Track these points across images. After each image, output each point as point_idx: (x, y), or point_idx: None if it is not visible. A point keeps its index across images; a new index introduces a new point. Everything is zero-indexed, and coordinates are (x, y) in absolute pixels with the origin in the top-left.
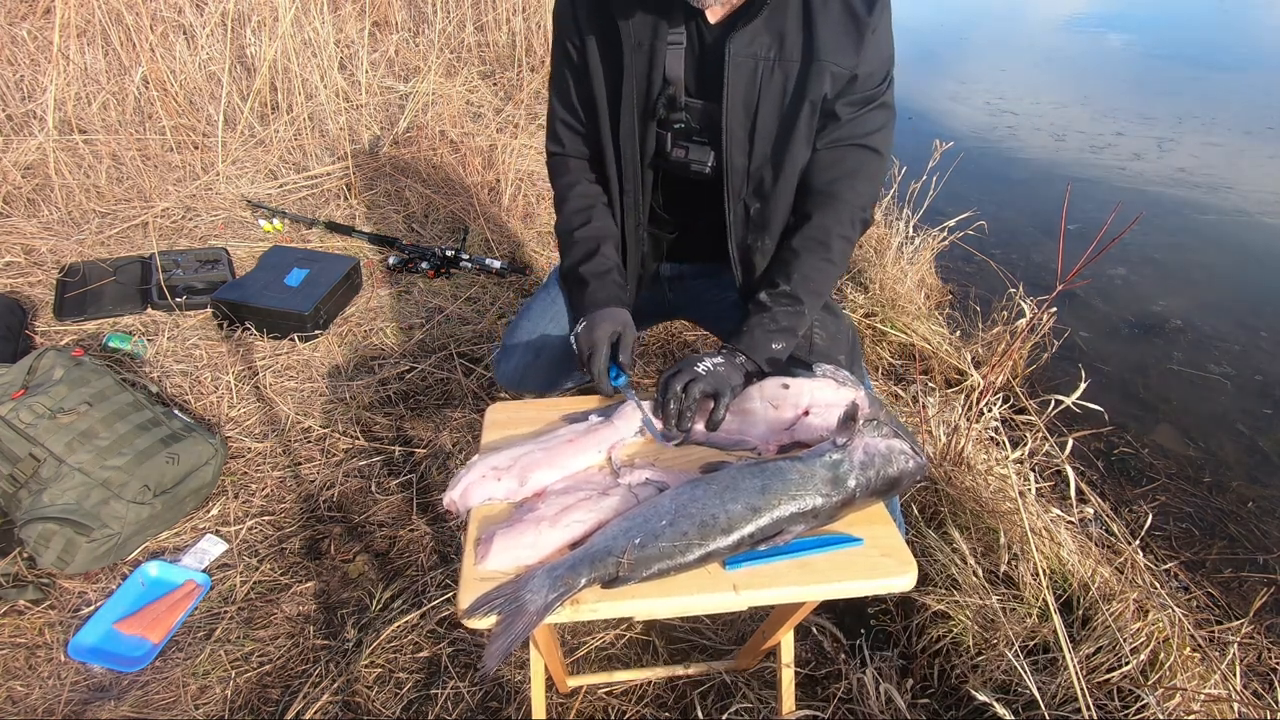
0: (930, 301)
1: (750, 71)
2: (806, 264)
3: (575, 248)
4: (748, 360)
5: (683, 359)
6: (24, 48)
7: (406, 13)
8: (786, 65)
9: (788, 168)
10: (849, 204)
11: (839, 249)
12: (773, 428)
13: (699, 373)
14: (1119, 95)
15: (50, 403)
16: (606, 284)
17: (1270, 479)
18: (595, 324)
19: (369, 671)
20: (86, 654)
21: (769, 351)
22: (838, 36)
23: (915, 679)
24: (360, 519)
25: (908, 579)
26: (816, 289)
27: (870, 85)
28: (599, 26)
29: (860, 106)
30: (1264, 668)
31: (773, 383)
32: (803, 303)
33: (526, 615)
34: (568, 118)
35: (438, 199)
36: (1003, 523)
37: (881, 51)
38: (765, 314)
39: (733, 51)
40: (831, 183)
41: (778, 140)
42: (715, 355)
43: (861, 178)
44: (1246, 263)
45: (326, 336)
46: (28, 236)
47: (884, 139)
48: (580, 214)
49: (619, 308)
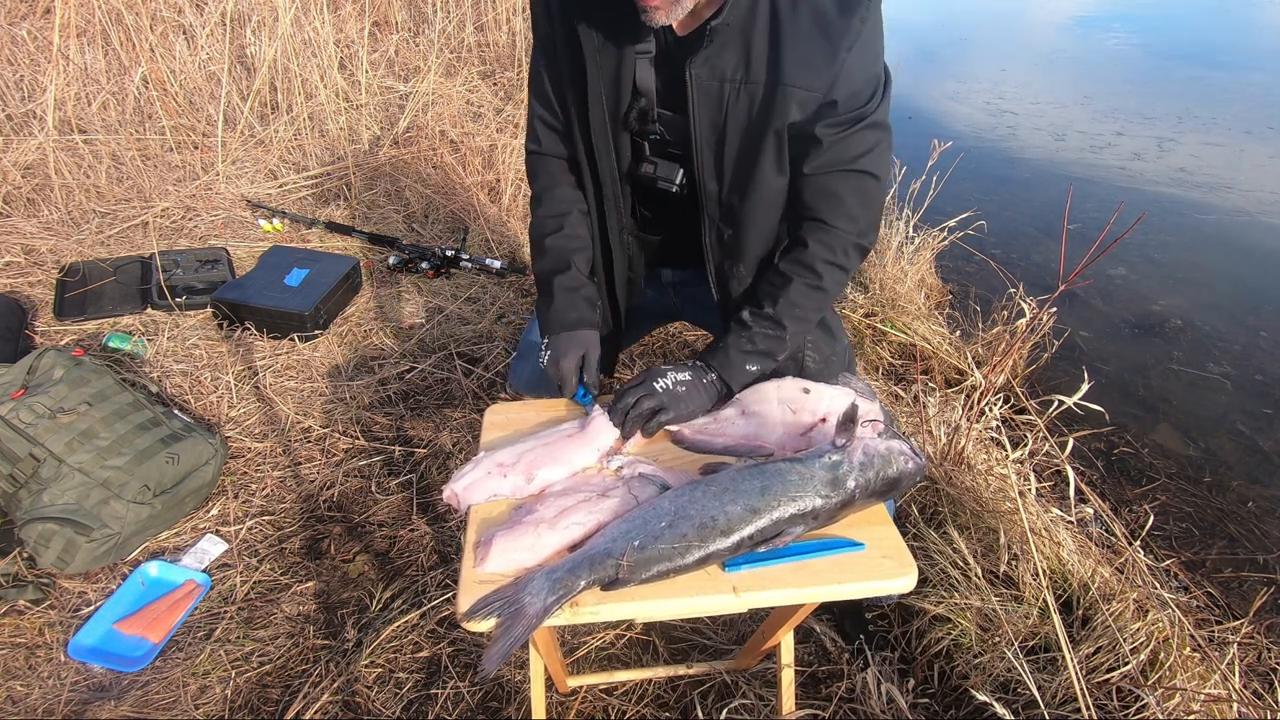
0: (930, 301)
1: (716, 94)
2: (794, 290)
3: (546, 255)
4: (719, 380)
5: (650, 369)
6: (24, 48)
7: (406, 13)
8: (752, 87)
9: (754, 194)
10: (843, 232)
11: (830, 277)
12: (789, 432)
13: (655, 390)
14: (1119, 95)
15: (50, 403)
16: (576, 302)
17: (1270, 479)
18: (562, 354)
19: (369, 671)
20: (86, 654)
21: (743, 374)
22: (806, 55)
23: (915, 679)
24: (360, 519)
25: (907, 581)
26: (802, 315)
27: (854, 105)
28: (568, 25)
29: (845, 128)
30: (1264, 668)
31: (792, 385)
32: (785, 328)
33: (526, 618)
34: (545, 116)
35: (438, 199)
36: (1003, 523)
37: (863, 68)
38: (744, 333)
39: (694, 74)
40: (822, 210)
41: (745, 165)
42: (684, 371)
43: (855, 203)
44: (1246, 263)
45: (326, 336)
46: (28, 236)
47: (876, 160)
48: (554, 219)
49: (586, 330)
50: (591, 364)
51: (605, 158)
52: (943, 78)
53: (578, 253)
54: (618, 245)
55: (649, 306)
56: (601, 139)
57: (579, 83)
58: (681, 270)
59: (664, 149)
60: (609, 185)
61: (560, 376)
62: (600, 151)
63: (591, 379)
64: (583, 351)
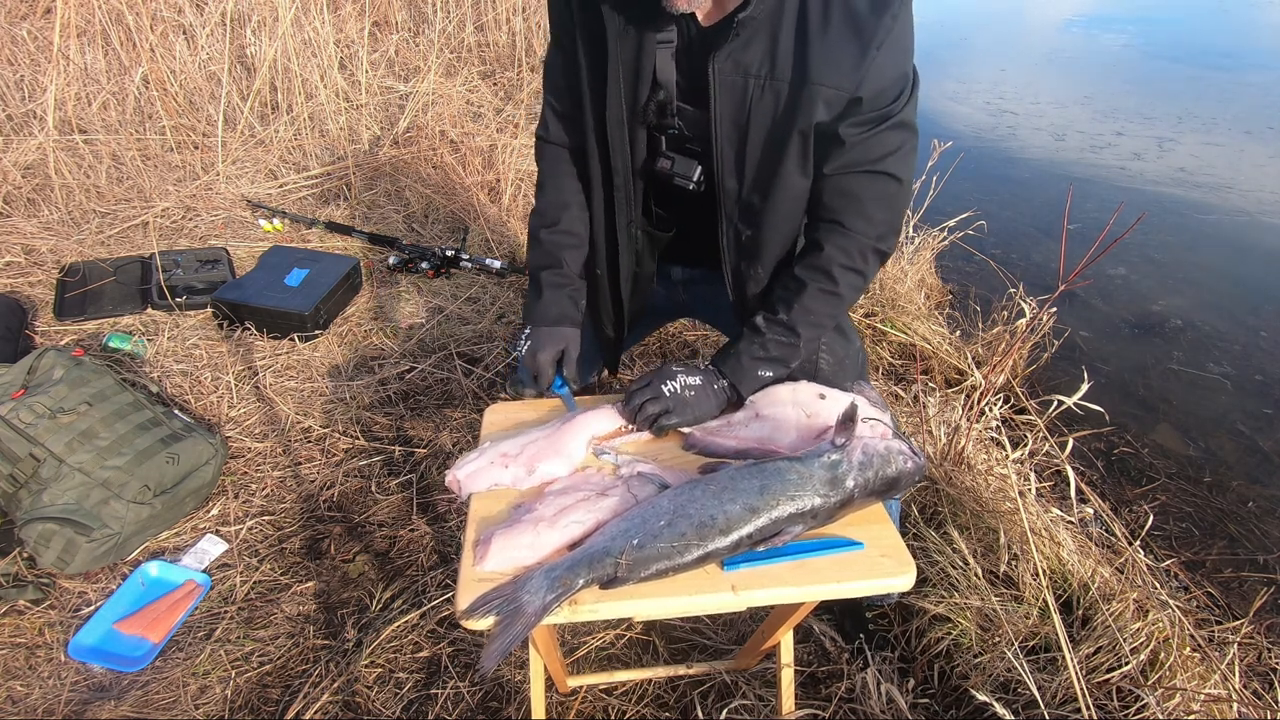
0: (930, 301)
1: (740, 90)
2: (809, 295)
3: (539, 248)
4: (730, 387)
5: (662, 368)
6: (24, 48)
7: (406, 13)
8: (778, 85)
9: (776, 195)
10: (860, 235)
11: (846, 282)
12: (803, 436)
13: (663, 393)
14: (1119, 95)
15: (50, 403)
16: (561, 298)
17: (1270, 479)
18: (540, 346)
19: (369, 671)
20: (86, 654)
21: (755, 380)
22: (835, 52)
23: (915, 679)
24: (360, 519)
25: (906, 579)
26: (817, 321)
27: (881, 104)
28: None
29: (869, 127)
30: (1264, 668)
31: (808, 390)
32: (799, 335)
33: (524, 616)
34: (556, 104)
35: (438, 199)
36: (1003, 523)
37: (894, 66)
38: (758, 339)
39: (717, 69)
40: (840, 212)
41: (768, 165)
42: (695, 375)
43: (876, 206)
44: (1246, 263)
45: (326, 336)
46: (28, 236)
47: (900, 162)
48: (552, 211)
49: (567, 326)
50: (570, 359)
51: (620, 150)
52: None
53: (569, 249)
54: (625, 240)
55: (658, 304)
56: (617, 131)
57: (597, 73)
58: (693, 269)
59: (681, 144)
60: (621, 178)
61: (536, 368)
62: (615, 144)
63: (570, 373)
64: (562, 347)
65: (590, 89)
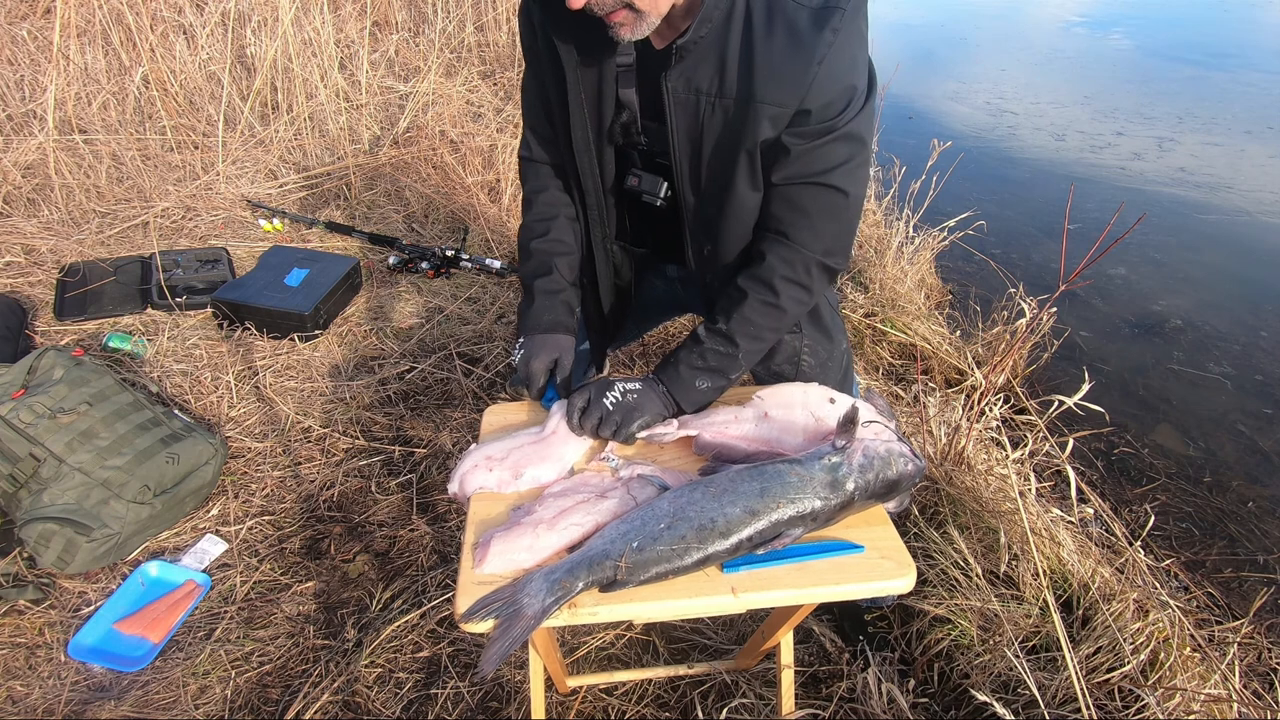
0: (930, 301)
1: (693, 107)
2: (749, 306)
3: (531, 259)
4: (668, 394)
5: (599, 381)
6: (24, 48)
7: (406, 13)
8: (725, 103)
9: (729, 209)
10: (804, 248)
11: (788, 294)
12: (810, 439)
13: (605, 405)
14: (1119, 95)
15: (50, 403)
16: (554, 306)
17: (1270, 479)
18: (534, 354)
19: (369, 671)
20: (86, 654)
21: (693, 390)
22: (778, 69)
23: (916, 679)
24: (360, 519)
25: (906, 581)
26: (756, 333)
27: (826, 116)
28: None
29: (813, 139)
30: (1264, 668)
31: (818, 393)
32: (737, 345)
33: (524, 619)
34: (534, 123)
35: (438, 199)
36: (1003, 523)
37: (838, 79)
38: (696, 349)
39: (670, 87)
40: (786, 224)
41: (721, 180)
42: (634, 381)
43: (822, 219)
44: (1246, 263)
45: (326, 336)
46: (28, 236)
47: (847, 175)
48: (540, 224)
49: (561, 334)
50: (564, 367)
51: (589, 171)
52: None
53: (561, 257)
54: (601, 255)
55: (660, 298)
56: (584, 153)
57: (563, 99)
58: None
59: (652, 160)
60: (593, 197)
61: (529, 376)
62: (584, 165)
63: (564, 382)
64: (556, 355)
65: (559, 113)
